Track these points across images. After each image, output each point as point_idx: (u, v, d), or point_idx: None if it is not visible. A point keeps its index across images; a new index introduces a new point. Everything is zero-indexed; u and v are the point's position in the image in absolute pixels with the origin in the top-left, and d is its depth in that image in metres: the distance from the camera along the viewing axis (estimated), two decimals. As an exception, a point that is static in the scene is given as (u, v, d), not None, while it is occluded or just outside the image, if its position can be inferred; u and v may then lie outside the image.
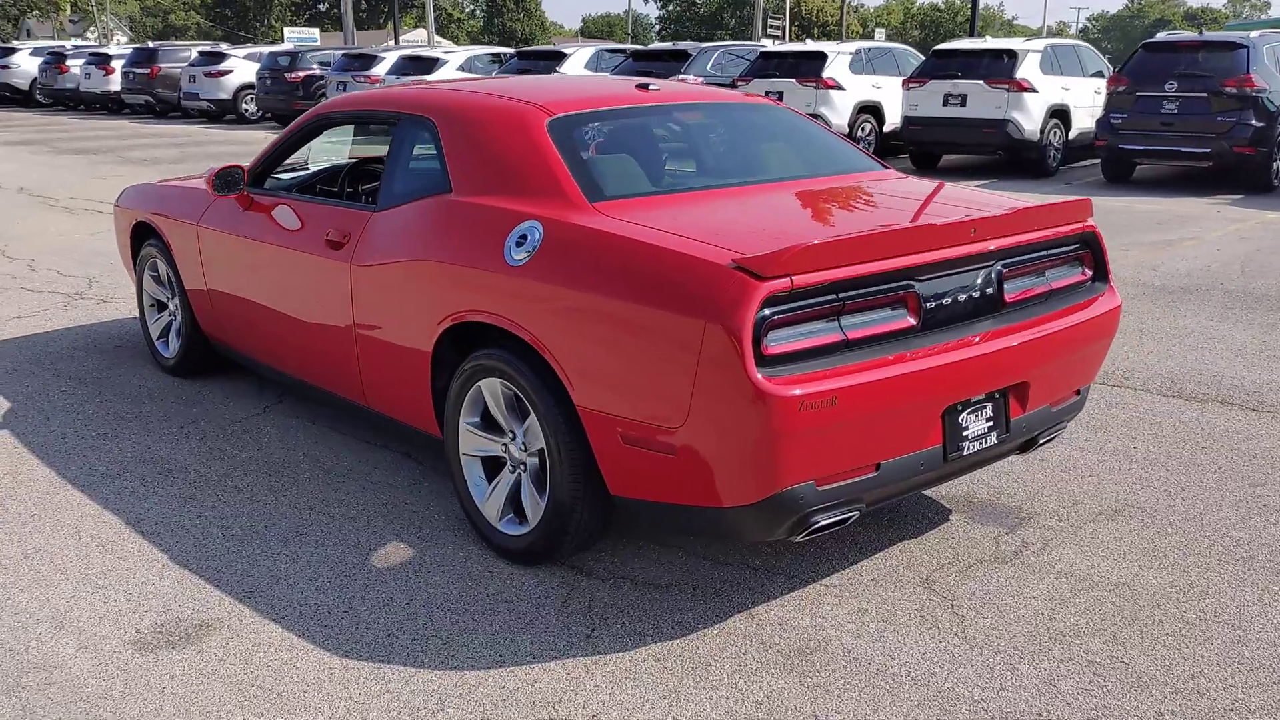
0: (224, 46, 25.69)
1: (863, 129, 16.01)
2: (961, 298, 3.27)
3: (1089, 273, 3.76)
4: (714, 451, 2.96)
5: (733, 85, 15.77)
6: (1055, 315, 3.52)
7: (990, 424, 3.37)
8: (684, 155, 4.06)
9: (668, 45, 19.28)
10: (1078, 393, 3.78)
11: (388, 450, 4.60)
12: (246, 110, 23.96)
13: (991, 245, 3.32)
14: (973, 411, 3.31)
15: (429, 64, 19.88)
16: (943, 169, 15.31)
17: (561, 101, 3.89)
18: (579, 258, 3.25)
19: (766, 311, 2.85)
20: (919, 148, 15.13)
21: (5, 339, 6.34)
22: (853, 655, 3.06)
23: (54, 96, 28.98)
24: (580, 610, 3.31)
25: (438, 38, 65.68)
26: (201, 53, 24.66)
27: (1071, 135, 14.50)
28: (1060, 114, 14.30)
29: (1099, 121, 13.25)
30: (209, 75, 23.65)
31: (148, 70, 25.21)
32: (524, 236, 3.41)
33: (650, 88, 4.23)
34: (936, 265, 3.18)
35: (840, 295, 2.98)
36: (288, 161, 5.08)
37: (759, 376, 2.81)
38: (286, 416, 5.04)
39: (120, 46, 30.40)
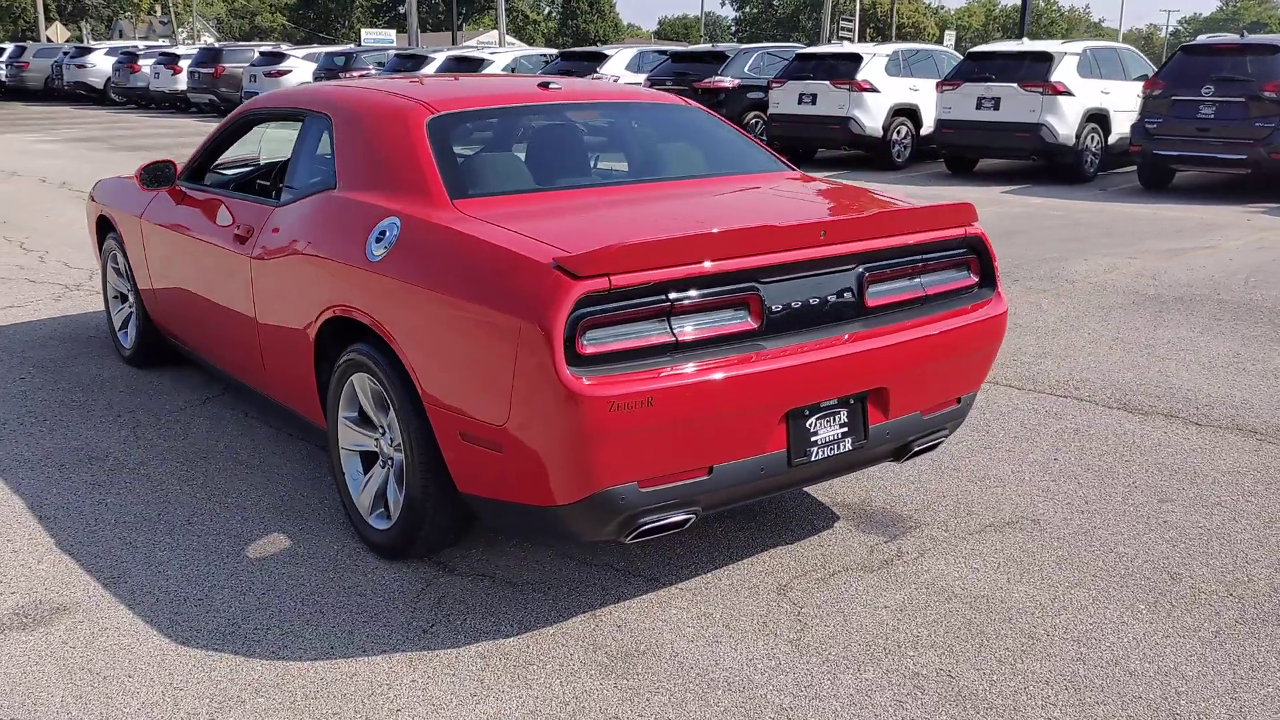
0: (284, 47, 26.24)
1: (898, 132, 15.82)
2: (814, 301, 3.23)
3: (975, 278, 3.68)
4: (533, 450, 2.96)
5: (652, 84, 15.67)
6: (925, 321, 3.46)
7: (845, 430, 3.32)
8: (567, 154, 4.07)
9: (706, 47, 19.22)
10: (958, 400, 3.70)
11: (307, 444, 4.67)
12: (303, 110, 24.40)
13: (847, 249, 3.27)
14: (823, 417, 3.27)
15: (475, 64, 20.08)
16: (978, 174, 15.06)
17: (448, 100, 3.92)
18: (426, 254, 3.29)
19: (583, 311, 2.84)
20: (952, 151, 14.89)
21: (-12, 328, 6.57)
22: (679, 659, 3.04)
23: (126, 95, 29.87)
24: (428, 606, 3.33)
25: (510, 39, 66.33)
26: (262, 53, 25.21)
27: (1111, 140, 14.15)
28: (1098, 118, 13.97)
29: (1133, 126, 12.93)
30: (268, 75, 24.14)
31: (212, 70, 25.84)
32: (383, 233, 3.45)
33: (551, 86, 4.24)
34: (783, 267, 3.15)
35: (669, 296, 2.96)
36: (237, 157, 5.20)
37: (569, 375, 2.81)
38: (223, 408, 5.14)
39: (188, 46, 31.22)
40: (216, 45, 26.38)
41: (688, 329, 3.00)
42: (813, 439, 3.26)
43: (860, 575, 3.52)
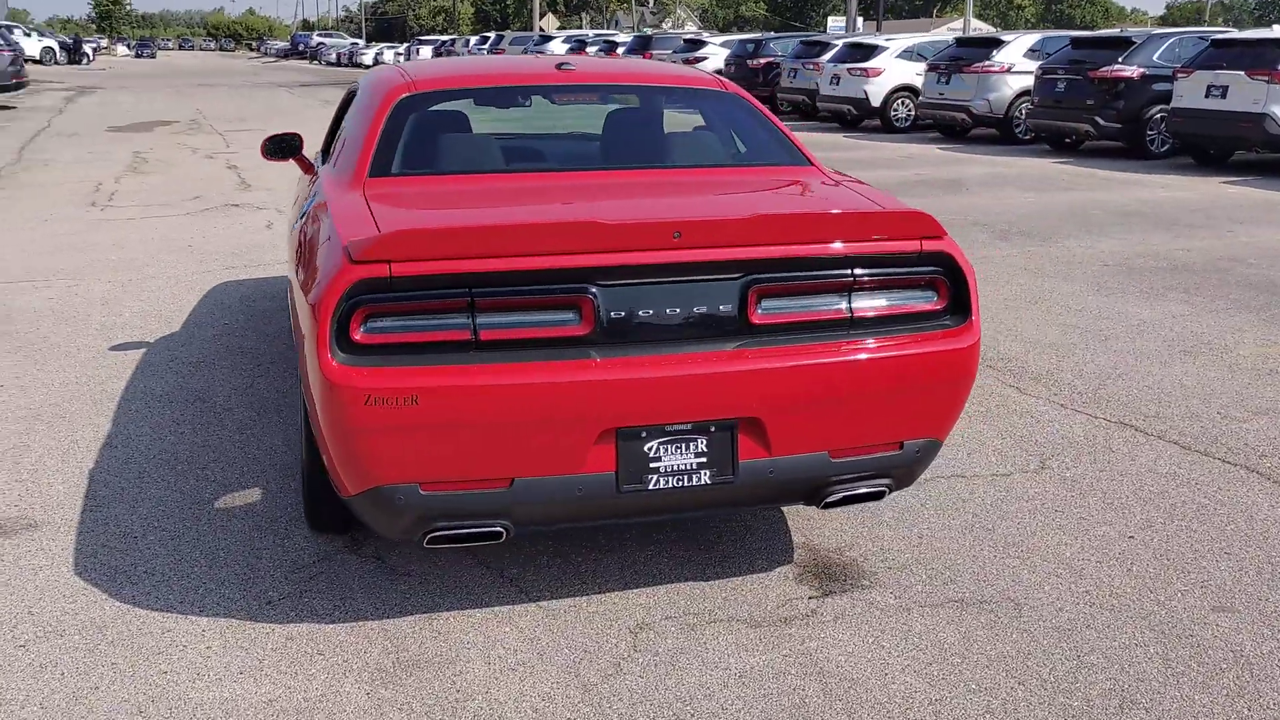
0: (706, 35, 27.05)
1: (1323, 130, 13.41)
2: (673, 311, 2.85)
3: (941, 303, 3.07)
4: (323, 437, 2.89)
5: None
6: (834, 346, 2.94)
7: (701, 460, 2.91)
8: (531, 137, 3.87)
9: (1114, 32, 17.36)
10: (900, 446, 3.11)
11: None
12: (717, 95, 25.07)
13: (719, 255, 2.85)
14: (669, 442, 2.89)
15: (868, 51, 19.59)
16: (1233, 165, 13.71)
17: (435, 78, 3.87)
18: (306, 230, 3.29)
19: (361, 298, 2.71)
20: (1182, 141, 14.11)
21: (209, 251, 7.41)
22: (459, 680, 2.84)
23: (575, 79, 32.30)
24: (299, 579, 3.36)
25: (976, 24, 63.66)
26: (685, 40, 26.19)
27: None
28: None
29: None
30: (686, 62, 25.06)
31: (641, 57, 27.25)
32: (303, 209, 3.50)
33: (563, 67, 4.05)
34: (626, 270, 2.81)
35: (472, 290, 2.75)
36: None
37: (331, 363, 2.70)
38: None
39: (627, 35, 33.05)
40: (649, 33, 27.74)
41: (494, 327, 2.77)
42: (652, 465, 2.89)
43: (739, 629, 3.07)
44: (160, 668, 2.89)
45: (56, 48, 51.07)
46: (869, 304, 3.01)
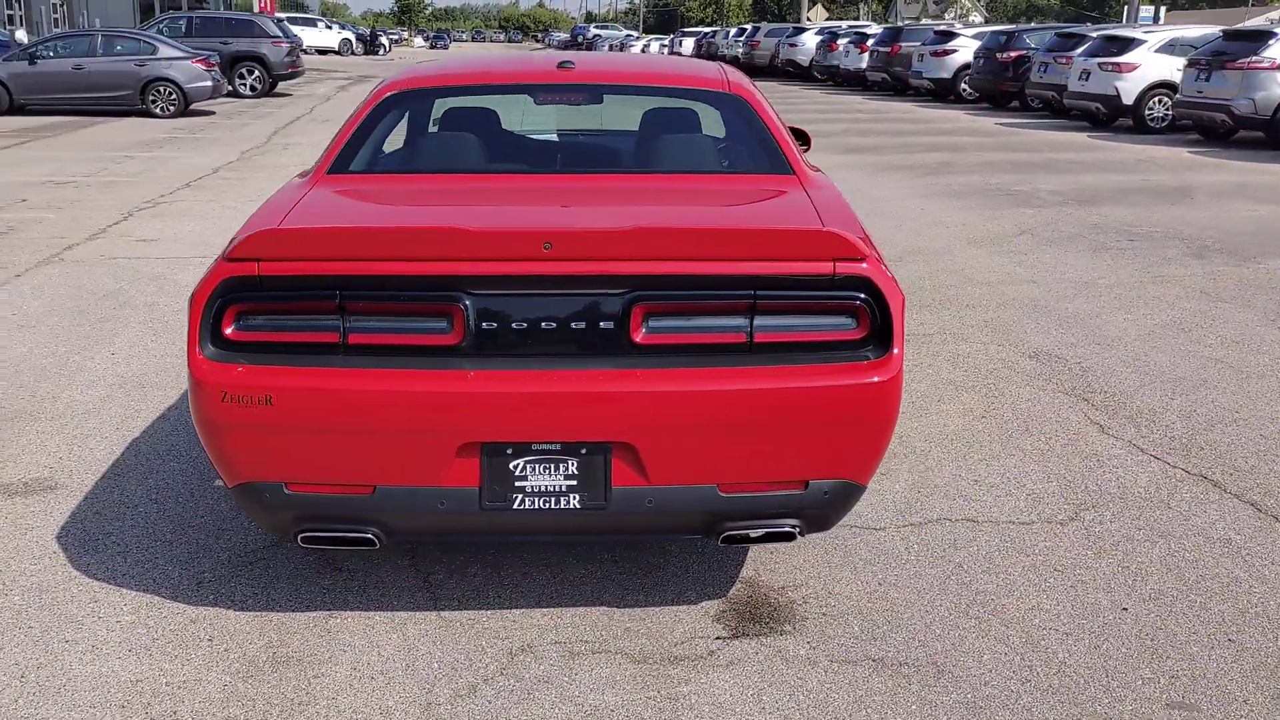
0: (958, 26, 25.90)
1: None
2: (549, 326, 2.73)
3: (861, 332, 2.79)
4: None
5: None
6: (727, 373, 2.73)
7: (571, 483, 2.78)
8: (500, 139, 3.77)
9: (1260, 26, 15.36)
10: (805, 486, 2.85)
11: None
12: (964, 90, 24.00)
13: (598, 269, 2.71)
14: (538, 461, 2.77)
15: (1123, 44, 18.15)
16: None
17: (425, 76, 3.86)
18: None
19: (232, 296, 2.75)
20: None
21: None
22: (305, 680, 2.84)
23: (825, 72, 31.72)
24: (216, 561, 3.44)
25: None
26: (936, 32, 25.18)
27: None
28: None
29: None
30: (934, 54, 24.11)
31: (889, 49, 26.43)
32: (279, 203, 3.57)
33: (564, 65, 3.93)
34: (500, 280, 2.71)
35: (343, 293, 2.73)
36: None
37: (199, 357, 2.75)
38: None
39: (877, 26, 32.10)
40: (900, 25, 26.88)
41: (363, 331, 2.74)
42: (517, 484, 2.78)
43: (619, 663, 2.91)
44: (65, 636, 3.03)
45: (354, 39, 55.03)
46: (772, 329, 2.77)
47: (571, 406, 2.71)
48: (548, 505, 2.79)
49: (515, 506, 2.79)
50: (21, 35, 26.45)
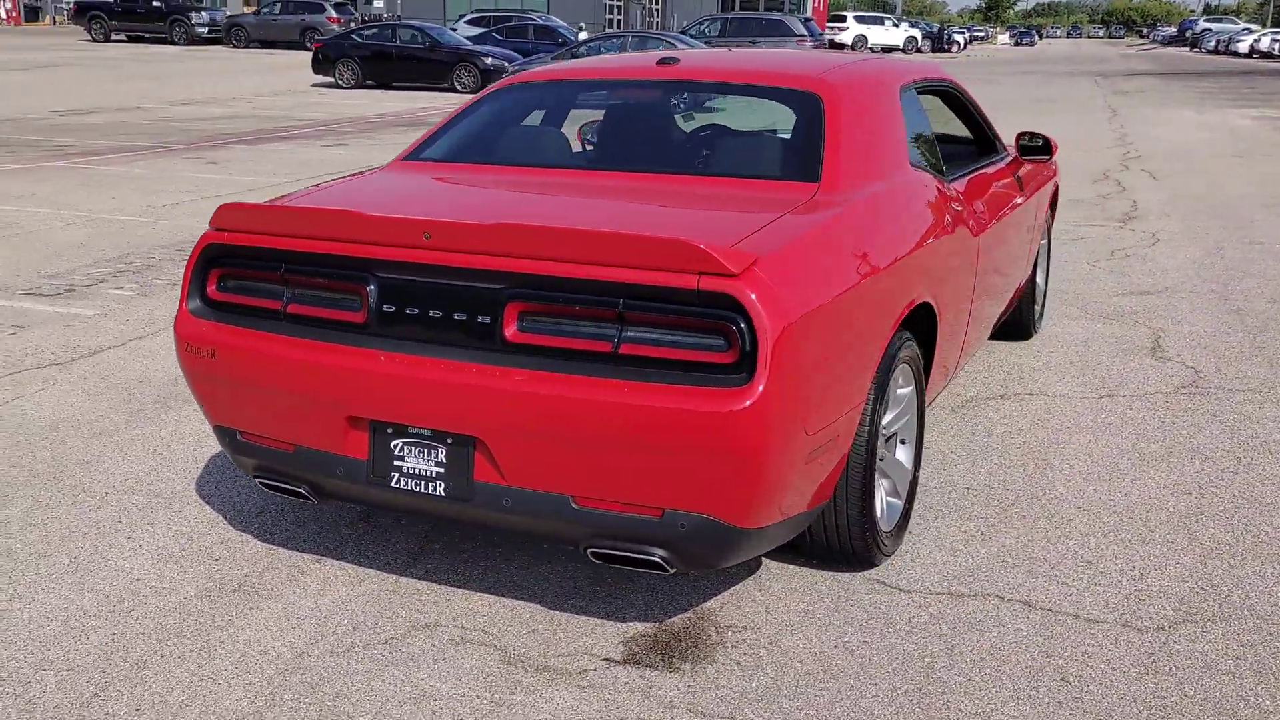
0: None
1: None
2: (435, 313, 2.80)
3: (730, 356, 2.54)
4: None
5: None
6: (582, 381, 2.62)
7: (440, 471, 2.82)
8: (568, 133, 3.70)
9: None
10: (660, 514, 2.64)
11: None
12: None
13: (474, 262, 2.72)
14: (413, 444, 2.85)
15: None
16: None
17: (538, 72, 3.95)
18: None
19: (214, 260, 3.12)
20: None
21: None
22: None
23: None
24: (190, 532, 3.85)
25: None
26: None
27: None
28: None
29: None
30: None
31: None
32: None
33: (663, 62, 3.80)
34: (396, 265, 2.83)
35: (286, 265, 3.01)
36: None
37: (183, 310, 3.16)
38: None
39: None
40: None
41: (298, 303, 2.99)
42: (396, 463, 2.87)
43: (489, 658, 2.89)
44: (114, 537, 3.61)
45: (919, 37, 54.96)
46: (638, 341, 2.59)
47: (441, 396, 2.73)
48: (419, 488, 2.84)
49: (393, 484, 2.87)
50: (380, 3, 30.53)
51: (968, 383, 5.10)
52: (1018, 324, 5.62)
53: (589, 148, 4.04)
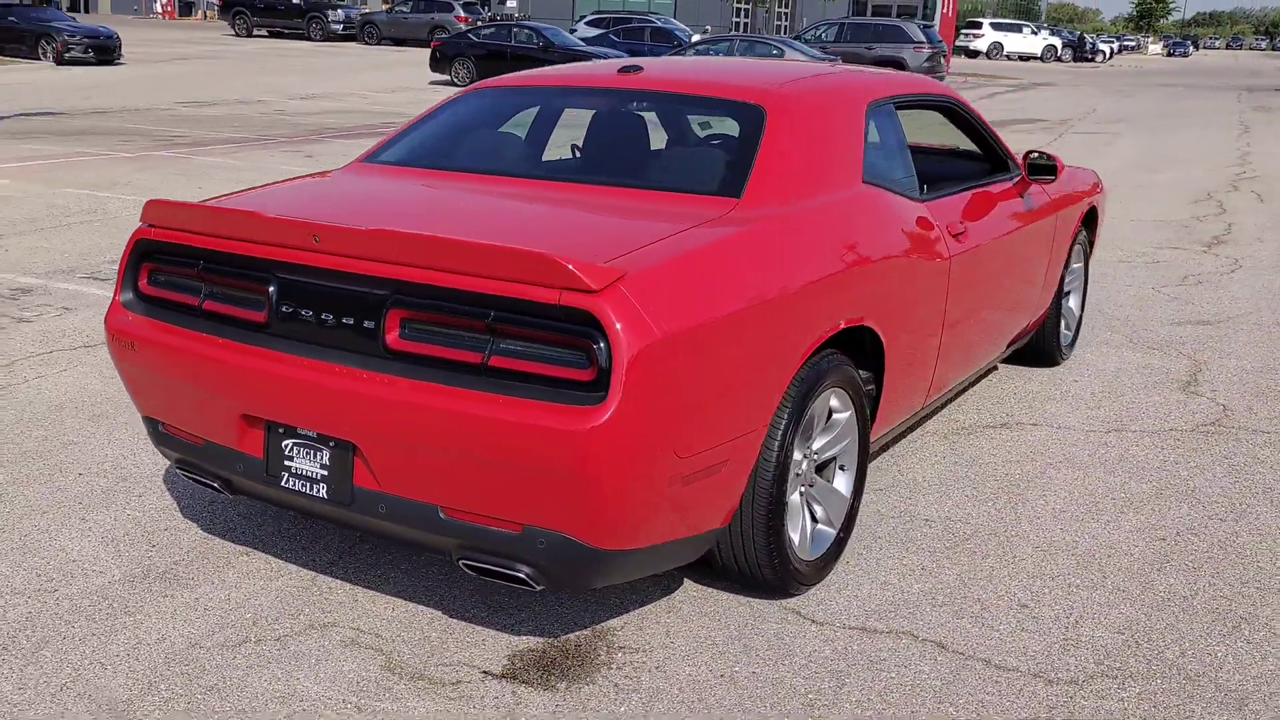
0: None
1: None
2: (326, 317, 2.83)
3: (588, 372, 2.50)
4: None
5: None
6: (450, 392, 2.61)
7: (323, 473, 2.85)
8: (508, 141, 3.65)
9: None
10: (521, 529, 2.61)
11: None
12: None
13: (359, 267, 2.74)
14: (302, 445, 2.88)
15: None
16: None
17: (505, 78, 3.95)
18: None
19: (145, 255, 3.21)
20: None
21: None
22: None
23: None
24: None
25: None
26: None
27: None
28: None
29: None
30: None
31: None
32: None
33: (625, 71, 3.74)
34: (293, 267, 2.87)
35: (203, 263, 3.08)
36: None
37: (115, 302, 3.25)
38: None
39: None
40: None
41: (212, 300, 3.05)
42: (286, 463, 2.90)
43: (371, 662, 2.90)
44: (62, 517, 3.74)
45: (1059, 45, 53.33)
46: (507, 354, 2.57)
47: (326, 399, 2.75)
48: (305, 489, 2.87)
49: (283, 484, 2.91)
50: (513, 3, 30.84)
51: (969, 409, 4.91)
52: (1040, 351, 5.39)
53: (576, 154, 4.02)
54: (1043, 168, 4.54)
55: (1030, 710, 2.76)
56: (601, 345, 2.44)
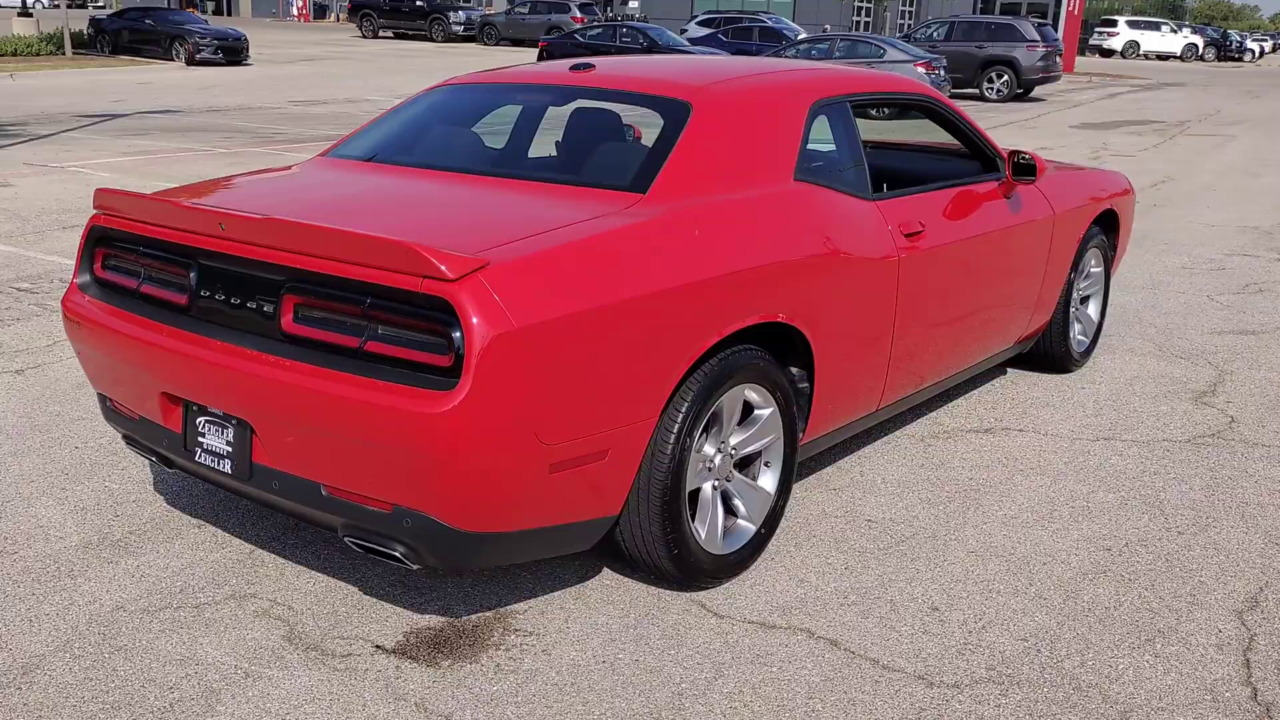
0: None
1: None
2: (234, 300, 2.99)
3: (445, 357, 2.60)
4: None
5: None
6: (329, 375, 2.73)
7: (229, 450, 3.00)
8: (452, 137, 3.73)
9: None
10: (391, 509, 2.71)
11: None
12: None
13: (258, 254, 2.88)
14: (211, 423, 3.04)
15: None
16: None
17: (472, 75, 4.05)
18: None
19: (99, 241, 3.42)
20: None
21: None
22: None
23: None
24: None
25: None
26: None
27: None
28: None
29: None
30: None
31: None
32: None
33: (575, 69, 3.80)
34: (209, 254, 3.04)
35: (141, 249, 3.27)
36: None
37: (73, 283, 3.47)
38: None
39: None
40: None
41: (148, 284, 3.24)
42: (199, 439, 3.07)
43: (272, 631, 3.04)
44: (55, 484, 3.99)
45: (1200, 44, 51.19)
46: (380, 341, 2.68)
47: (228, 380, 2.90)
48: (214, 465, 3.02)
49: (197, 458, 3.07)
50: (634, 4, 30.46)
51: (958, 413, 4.84)
52: (1047, 356, 5.26)
53: (511, 149, 4.11)
54: (1024, 168, 4.44)
55: (899, 711, 2.74)
56: (457, 333, 2.53)
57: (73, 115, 15.93)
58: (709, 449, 3.25)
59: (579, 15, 34.50)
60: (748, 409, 3.34)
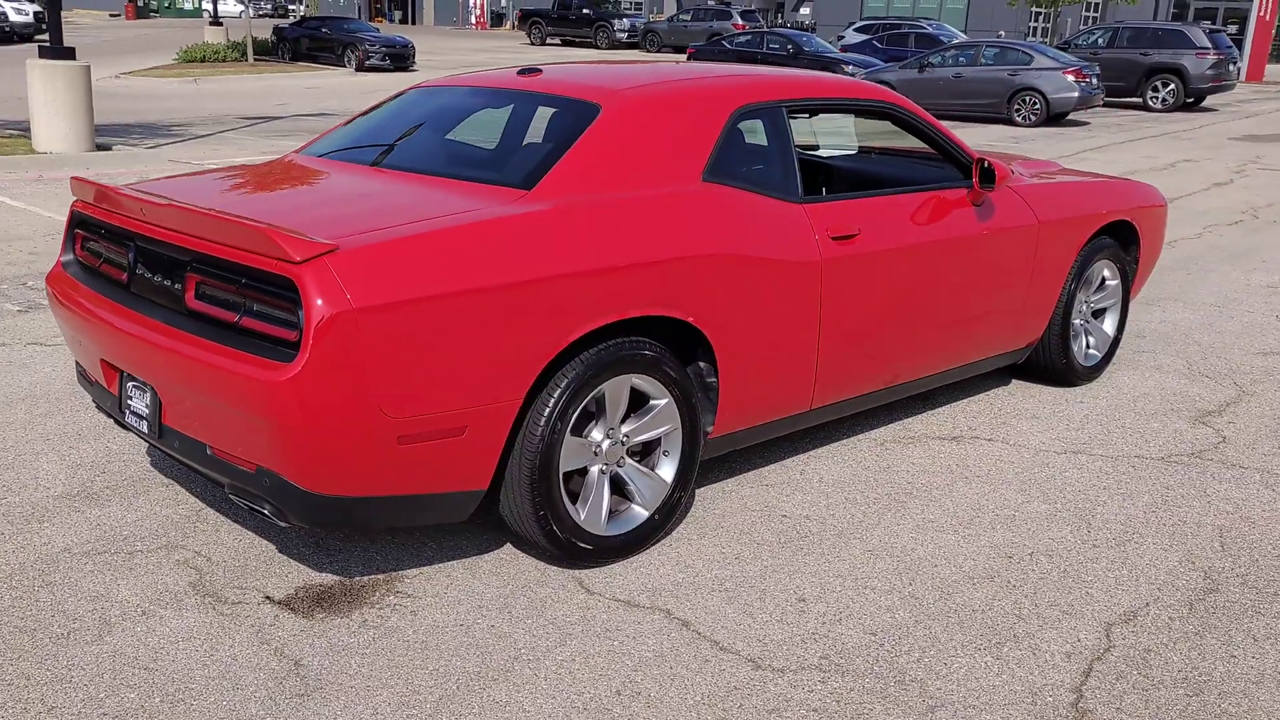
0: None
1: None
2: (156, 279, 3.34)
3: (294, 332, 2.88)
4: None
5: None
6: (207, 345, 3.05)
7: (147, 412, 3.35)
8: (404, 136, 3.96)
9: None
10: (255, 469, 3.00)
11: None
12: None
13: (166, 237, 3.23)
14: (135, 388, 3.40)
15: None
16: None
17: (439, 78, 4.31)
18: None
19: (76, 222, 3.84)
20: None
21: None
22: None
23: None
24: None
25: None
26: None
27: None
28: None
29: None
30: None
31: None
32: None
33: (524, 73, 4.01)
34: (140, 237, 3.40)
35: (103, 232, 3.67)
36: None
37: (58, 262, 3.90)
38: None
39: None
40: None
41: (100, 263, 3.64)
42: (128, 402, 3.43)
43: (178, 577, 3.37)
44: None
45: None
46: (251, 316, 2.98)
47: (142, 350, 3.24)
48: (138, 426, 3.38)
49: (127, 419, 3.43)
50: (806, 10, 29.41)
51: (934, 420, 4.83)
52: (1046, 369, 5.18)
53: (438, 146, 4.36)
54: (985, 176, 4.40)
55: (711, 687, 2.86)
56: (301, 311, 2.79)
57: (236, 117, 17.10)
58: (597, 434, 3.42)
59: (740, 22, 34.65)
60: (643, 399, 3.49)
